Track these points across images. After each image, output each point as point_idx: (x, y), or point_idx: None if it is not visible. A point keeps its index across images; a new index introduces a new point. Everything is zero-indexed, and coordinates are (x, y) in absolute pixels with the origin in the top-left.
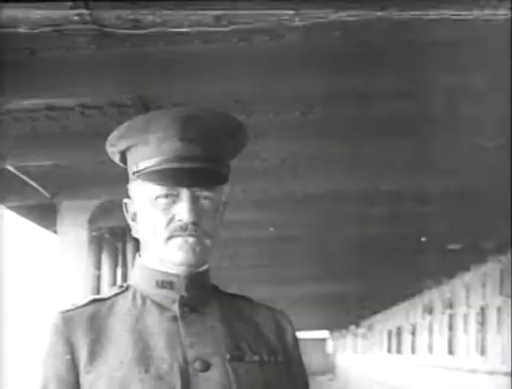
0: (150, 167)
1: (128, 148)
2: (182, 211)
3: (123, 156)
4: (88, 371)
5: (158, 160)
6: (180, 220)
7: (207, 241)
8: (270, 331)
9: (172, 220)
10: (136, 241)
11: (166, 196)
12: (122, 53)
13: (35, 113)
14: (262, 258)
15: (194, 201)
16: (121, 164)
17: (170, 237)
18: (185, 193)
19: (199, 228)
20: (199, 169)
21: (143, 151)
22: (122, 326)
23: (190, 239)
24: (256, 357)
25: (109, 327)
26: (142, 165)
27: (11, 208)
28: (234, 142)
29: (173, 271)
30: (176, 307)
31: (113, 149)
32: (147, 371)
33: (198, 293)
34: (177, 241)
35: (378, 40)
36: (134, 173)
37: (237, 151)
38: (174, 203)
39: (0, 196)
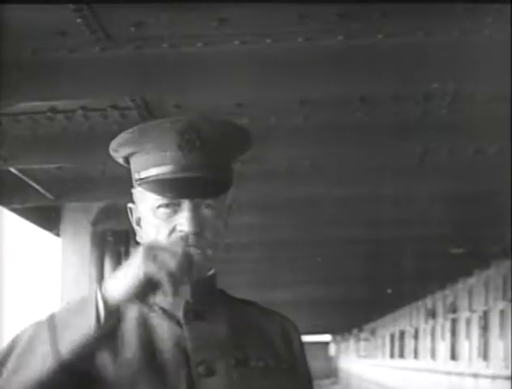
0: (150, 177)
1: (130, 155)
2: (183, 221)
3: (127, 160)
4: (91, 370)
5: (158, 170)
6: (181, 231)
7: (209, 250)
8: (276, 337)
9: (173, 230)
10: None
11: (167, 206)
12: (125, 56)
13: (36, 114)
14: (264, 261)
15: (196, 210)
16: (127, 165)
17: None
18: (186, 203)
19: (201, 237)
20: (200, 179)
21: (144, 159)
22: (129, 329)
23: (192, 249)
24: (261, 363)
25: (118, 330)
26: (143, 174)
27: (14, 210)
28: (235, 148)
29: None
30: (180, 313)
31: (115, 154)
32: (152, 374)
33: (204, 299)
34: (180, 250)
35: (382, 46)
36: (136, 181)
37: (240, 155)
38: (175, 212)
39: (3, 198)
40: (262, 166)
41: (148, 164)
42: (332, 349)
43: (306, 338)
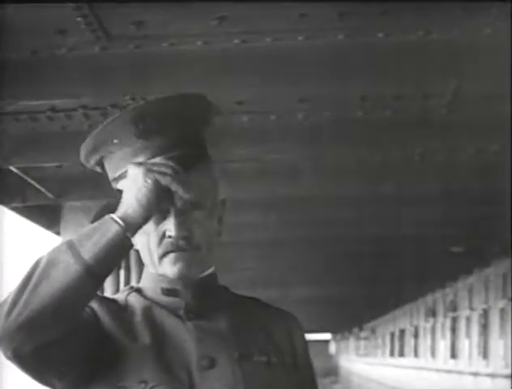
0: (122, 173)
1: (102, 158)
2: (171, 227)
3: (102, 166)
4: (102, 346)
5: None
6: (169, 237)
7: (203, 252)
8: (279, 333)
9: (163, 236)
10: None
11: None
12: (125, 55)
13: (37, 114)
14: (265, 260)
15: (183, 214)
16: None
17: (164, 254)
18: (173, 207)
19: (192, 241)
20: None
21: (114, 158)
22: (137, 321)
23: (184, 254)
24: (264, 358)
25: (122, 322)
26: (117, 174)
27: (14, 209)
28: (197, 118)
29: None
30: (181, 313)
31: (89, 164)
32: (158, 363)
33: (205, 298)
34: (171, 256)
35: (382, 44)
36: (112, 181)
37: (204, 125)
38: (164, 218)
39: (3, 197)
40: (262, 164)
41: (119, 160)
42: (332, 348)
43: (307, 336)
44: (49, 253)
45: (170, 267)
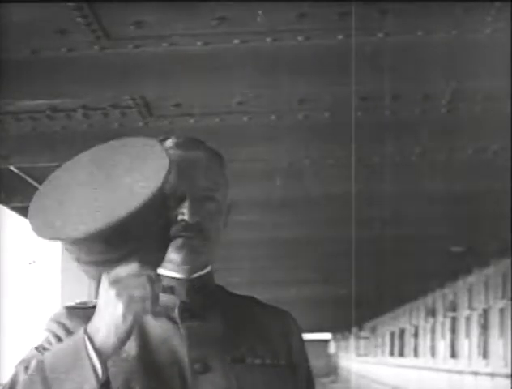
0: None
1: None
2: (185, 211)
3: None
4: None
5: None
6: (182, 221)
7: (210, 244)
8: (275, 333)
9: (175, 221)
10: None
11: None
12: (124, 54)
13: (36, 113)
14: (264, 259)
15: (198, 202)
16: None
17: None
18: (188, 194)
19: (202, 229)
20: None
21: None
22: None
23: (192, 241)
24: (258, 360)
25: None
26: (74, 254)
27: (14, 209)
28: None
29: (175, 274)
30: (176, 313)
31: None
32: (147, 372)
33: (200, 297)
34: (179, 241)
35: (380, 44)
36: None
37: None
38: (179, 203)
39: (3, 197)
40: (262, 164)
41: (79, 252)
42: (332, 347)
43: (306, 336)
44: (23, 382)
45: (176, 251)
